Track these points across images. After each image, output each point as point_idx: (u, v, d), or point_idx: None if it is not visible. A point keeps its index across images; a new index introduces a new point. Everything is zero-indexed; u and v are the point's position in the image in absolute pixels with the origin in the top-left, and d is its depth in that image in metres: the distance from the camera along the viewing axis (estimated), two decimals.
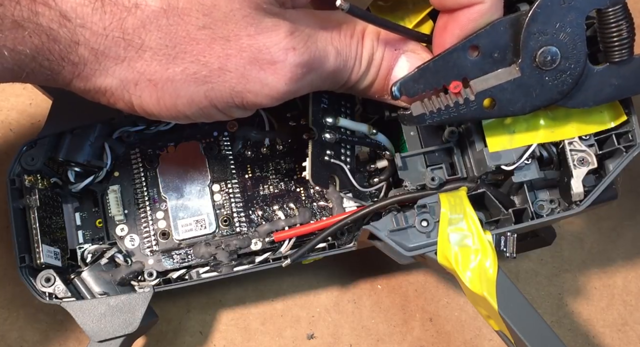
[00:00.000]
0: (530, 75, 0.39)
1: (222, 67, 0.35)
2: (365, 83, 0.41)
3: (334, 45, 0.38)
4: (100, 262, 0.47)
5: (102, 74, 0.35)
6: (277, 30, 0.35)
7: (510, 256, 0.42)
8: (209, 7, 0.33)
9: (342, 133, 0.45)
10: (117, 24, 0.33)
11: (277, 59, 0.35)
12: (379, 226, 0.43)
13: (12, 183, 0.45)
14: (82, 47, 0.34)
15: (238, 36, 0.34)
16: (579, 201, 0.43)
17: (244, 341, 0.52)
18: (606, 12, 0.38)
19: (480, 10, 0.38)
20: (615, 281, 0.53)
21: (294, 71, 0.36)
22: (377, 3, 0.45)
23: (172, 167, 0.49)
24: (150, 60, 0.34)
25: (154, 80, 0.35)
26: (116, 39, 0.34)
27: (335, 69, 0.39)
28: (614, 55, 0.39)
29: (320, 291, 0.53)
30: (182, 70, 0.35)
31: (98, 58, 0.34)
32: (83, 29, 0.33)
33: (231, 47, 0.34)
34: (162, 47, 0.34)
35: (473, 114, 0.40)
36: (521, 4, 0.45)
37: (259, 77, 0.35)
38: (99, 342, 0.44)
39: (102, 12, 0.33)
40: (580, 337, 0.52)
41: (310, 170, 0.43)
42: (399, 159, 0.45)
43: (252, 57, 0.35)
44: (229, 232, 0.48)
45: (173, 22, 0.33)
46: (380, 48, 0.40)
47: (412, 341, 0.51)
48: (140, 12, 0.33)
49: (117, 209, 0.48)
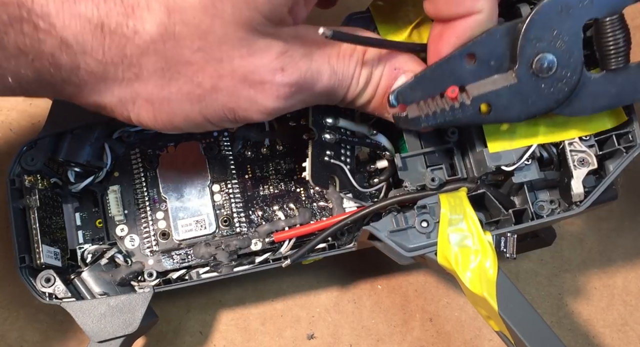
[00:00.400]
0: (527, 82, 0.39)
1: (214, 87, 0.36)
2: (363, 101, 0.41)
3: (331, 65, 0.39)
4: (100, 263, 0.47)
5: (101, 93, 0.36)
6: (269, 51, 0.36)
7: (511, 256, 0.42)
8: (204, 31, 0.34)
9: (342, 133, 0.45)
10: (117, 50, 0.34)
11: (266, 79, 0.36)
12: (379, 226, 0.43)
13: (12, 183, 0.45)
14: (82, 71, 0.35)
15: (231, 57, 0.35)
16: (579, 201, 0.43)
17: (244, 341, 0.52)
18: (603, 22, 0.38)
19: (477, 20, 0.38)
20: (615, 281, 0.53)
21: (282, 90, 0.37)
22: (376, 3, 0.45)
23: (172, 168, 0.49)
24: (147, 81, 0.36)
25: (151, 100, 0.36)
26: (115, 64, 0.35)
27: (329, 88, 0.39)
28: (610, 63, 0.39)
29: (320, 291, 0.53)
30: (177, 90, 0.36)
31: (98, 80, 0.35)
32: (84, 55, 0.34)
33: (224, 68, 0.36)
34: (158, 69, 0.35)
35: (469, 119, 0.40)
36: (521, 4, 0.45)
37: (249, 95, 0.37)
38: (99, 342, 0.44)
39: (101, 38, 0.34)
40: (580, 337, 0.52)
41: (310, 170, 0.43)
42: (399, 159, 0.45)
43: (243, 77, 0.36)
44: (229, 233, 0.48)
45: (170, 46, 0.34)
46: (379, 67, 0.41)
47: (412, 341, 0.51)
48: (139, 38, 0.34)
49: (117, 209, 0.48)
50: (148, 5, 0.34)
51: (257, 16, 0.34)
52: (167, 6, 0.34)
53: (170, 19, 0.34)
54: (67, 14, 0.33)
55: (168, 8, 0.34)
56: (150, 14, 0.34)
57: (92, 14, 0.33)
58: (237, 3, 0.34)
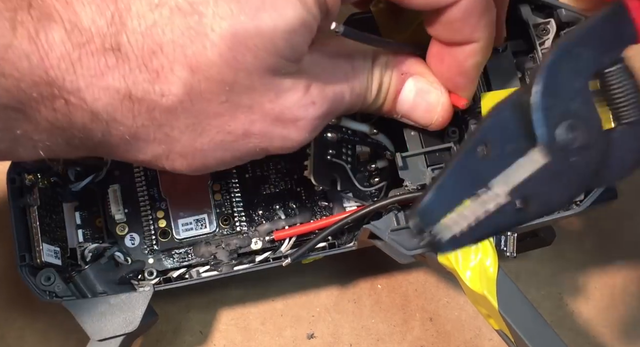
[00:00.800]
0: (557, 158, 0.32)
1: (246, 133, 0.36)
2: (374, 107, 0.42)
3: (349, 83, 0.39)
4: (101, 261, 0.47)
5: (134, 153, 0.37)
6: (296, 89, 0.36)
7: (511, 255, 0.42)
8: (230, 83, 0.34)
9: (343, 132, 0.45)
10: (146, 114, 0.35)
11: (299, 116, 0.37)
12: (379, 225, 0.43)
13: (12, 182, 0.45)
14: (113, 137, 0.35)
15: (260, 103, 0.36)
16: (579, 201, 0.43)
17: (244, 340, 0.52)
18: (607, 74, 0.34)
19: (474, 48, 0.39)
20: (615, 281, 0.53)
21: (315, 122, 0.38)
22: (379, 5, 0.45)
23: None
24: (179, 137, 0.36)
25: (184, 153, 0.37)
26: (146, 126, 0.35)
27: (350, 105, 0.40)
28: (623, 117, 0.34)
29: (320, 291, 0.53)
30: (209, 141, 0.36)
31: (130, 142, 0.36)
32: (115, 122, 0.35)
33: (254, 113, 0.36)
34: (188, 125, 0.36)
35: (511, 221, 0.33)
36: (521, 4, 0.46)
37: (282, 134, 0.37)
38: (99, 341, 0.44)
39: (130, 105, 0.34)
40: (580, 337, 0.52)
41: (312, 169, 0.43)
42: (399, 158, 0.45)
43: (275, 119, 0.36)
44: (229, 232, 0.48)
45: (197, 102, 0.35)
46: (387, 74, 0.41)
47: (412, 340, 0.51)
48: (166, 101, 0.34)
49: (117, 208, 0.48)
50: (172, 68, 0.34)
51: (279, 61, 0.35)
52: (190, 66, 0.34)
53: (194, 78, 0.34)
54: (97, 87, 0.33)
55: (191, 67, 0.34)
56: (175, 75, 0.34)
57: (119, 85, 0.34)
58: (258, 53, 0.34)
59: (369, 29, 0.45)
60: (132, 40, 0.33)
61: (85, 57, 0.33)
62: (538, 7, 0.46)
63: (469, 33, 0.38)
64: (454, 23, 0.38)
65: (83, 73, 0.33)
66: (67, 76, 0.33)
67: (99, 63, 0.33)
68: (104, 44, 0.33)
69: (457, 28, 0.38)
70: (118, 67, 0.33)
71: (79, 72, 0.33)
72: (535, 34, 0.45)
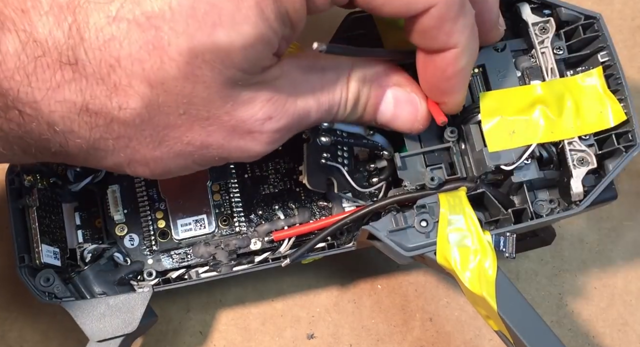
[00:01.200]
0: None
1: (204, 143, 0.37)
2: (352, 118, 0.42)
3: (316, 98, 0.39)
4: (100, 262, 0.47)
5: (94, 161, 0.37)
6: (253, 102, 0.36)
7: (510, 256, 0.41)
8: (187, 95, 0.34)
9: (338, 135, 0.45)
10: (104, 127, 0.35)
11: (254, 129, 0.37)
12: (378, 226, 0.43)
13: (11, 183, 0.45)
14: (72, 147, 0.35)
15: (216, 115, 0.36)
16: (578, 200, 0.43)
17: (244, 341, 0.52)
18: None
19: (454, 54, 0.38)
20: (615, 281, 0.53)
21: (272, 137, 0.38)
22: None
23: None
24: (138, 148, 0.36)
25: (145, 161, 0.37)
26: (105, 138, 0.35)
27: (318, 120, 0.40)
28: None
29: (320, 291, 0.52)
30: (167, 150, 0.37)
31: (89, 152, 0.36)
32: (72, 134, 0.35)
33: (211, 125, 0.36)
34: (146, 136, 0.36)
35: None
36: (521, 4, 0.45)
37: (239, 145, 0.37)
38: (98, 341, 0.44)
39: (88, 118, 0.34)
40: (580, 337, 0.51)
41: (307, 174, 0.43)
42: (398, 159, 0.45)
43: (231, 130, 0.37)
44: (228, 232, 0.48)
45: (155, 115, 0.35)
46: (365, 88, 0.41)
47: (412, 341, 0.51)
48: (124, 114, 0.34)
49: (116, 208, 0.48)
50: (130, 82, 0.34)
51: (236, 74, 0.35)
52: (149, 80, 0.34)
53: (152, 92, 0.34)
54: (52, 100, 0.33)
55: (149, 81, 0.34)
56: (133, 89, 0.34)
57: (76, 98, 0.34)
58: (216, 67, 0.34)
59: (368, 28, 0.45)
60: (89, 54, 0.33)
61: (41, 69, 0.33)
62: (537, 6, 0.46)
63: (445, 40, 0.38)
64: (427, 31, 0.37)
65: (39, 85, 0.33)
66: (21, 88, 0.33)
67: (55, 76, 0.33)
68: (61, 58, 0.33)
69: (432, 36, 0.37)
70: (75, 81, 0.33)
71: (34, 84, 0.33)
72: (534, 33, 0.45)
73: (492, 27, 0.42)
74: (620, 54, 0.41)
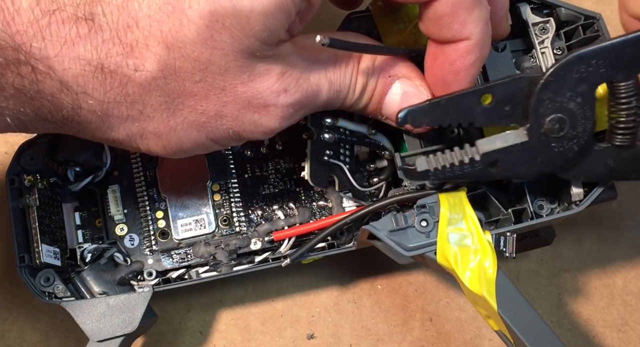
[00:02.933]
0: (537, 141, 0.39)
1: (219, 114, 0.36)
2: (359, 106, 0.42)
3: (328, 78, 0.39)
4: (100, 262, 0.47)
5: (107, 130, 0.36)
6: (269, 74, 0.36)
7: (510, 256, 0.42)
8: (204, 62, 0.34)
9: (341, 133, 0.45)
10: (119, 89, 0.34)
11: (269, 102, 0.37)
12: (378, 225, 0.43)
13: (11, 183, 0.46)
14: (84, 111, 0.35)
15: (233, 85, 0.36)
16: (578, 200, 0.43)
17: (244, 341, 0.52)
18: (618, 86, 0.38)
19: (467, 46, 0.38)
20: (615, 281, 0.53)
21: (286, 111, 0.37)
22: (376, 3, 0.45)
23: (172, 167, 0.49)
24: (152, 116, 0.36)
25: (158, 132, 0.37)
26: (118, 102, 0.35)
27: (328, 100, 0.40)
28: (616, 139, 0.39)
29: (320, 291, 0.53)
30: (182, 120, 0.36)
31: (102, 118, 0.35)
32: (85, 95, 0.34)
33: (227, 95, 0.36)
34: (161, 103, 0.35)
35: (477, 174, 0.40)
36: (521, 4, 0.46)
37: (254, 119, 0.37)
38: (98, 341, 0.44)
39: (102, 79, 0.34)
40: (580, 337, 0.52)
41: (309, 170, 0.43)
42: (398, 159, 0.45)
43: (246, 102, 0.36)
44: (229, 232, 0.48)
45: (171, 81, 0.35)
46: (374, 75, 0.41)
47: (412, 341, 0.51)
48: (140, 77, 0.34)
49: (116, 208, 0.48)
50: (147, 43, 0.33)
51: (255, 43, 0.35)
52: (166, 42, 0.33)
53: (170, 55, 0.34)
54: (66, 56, 0.33)
55: (167, 44, 0.34)
56: (150, 51, 0.34)
57: (91, 56, 0.33)
58: (235, 33, 0.34)
59: (368, 28, 0.45)
60: (106, 12, 0.33)
61: (55, 24, 0.32)
62: (537, 6, 0.46)
63: (459, 29, 0.38)
64: (442, 18, 0.37)
65: (52, 41, 0.33)
66: (34, 43, 0.32)
67: (70, 32, 0.33)
68: (77, 13, 0.32)
69: (446, 23, 0.38)
70: (90, 38, 0.33)
71: (47, 39, 0.32)
72: (534, 33, 0.45)
73: (501, 20, 0.42)
74: None
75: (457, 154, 0.40)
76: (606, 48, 0.37)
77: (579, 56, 0.37)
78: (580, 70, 0.37)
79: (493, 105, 0.39)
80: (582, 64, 0.37)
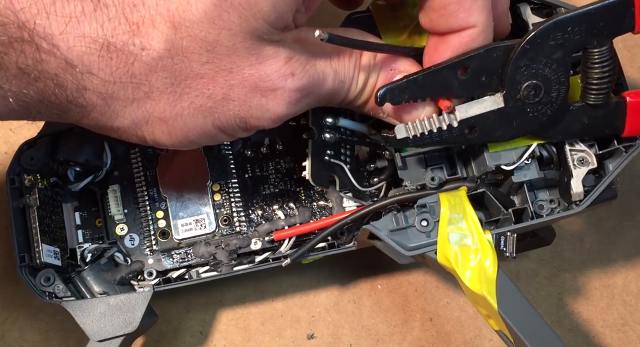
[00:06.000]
0: (513, 106, 0.40)
1: (226, 97, 0.36)
2: (360, 102, 0.41)
3: (333, 67, 0.39)
4: (100, 262, 0.47)
5: (112, 116, 0.36)
6: (277, 57, 0.36)
7: (510, 255, 0.42)
8: (212, 43, 0.34)
9: (342, 133, 0.45)
10: (124, 69, 0.34)
11: (277, 85, 0.36)
12: (378, 225, 0.43)
13: (11, 182, 0.45)
14: (89, 92, 0.34)
15: (240, 67, 0.35)
16: (578, 200, 0.43)
17: (244, 341, 0.52)
18: (592, 52, 0.39)
19: (471, 34, 0.38)
20: (615, 281, 0.53)
21: (293, 96, 0.37)
22: (376, 3, 0.45)
23: (172, 167, 0.49)
24: (159, 99, 0.35)
25: (164, 118, 0.36)
26: (124, 83, 0.34)
27: (333, 90, 0.39)
28: (589, 98, 0.40)
29: (320, 291, 0.53)
30: (188, 104, 0.36)
31: (107, 101, 0.35)
32: (90, 75, 0.34)
33: (234, 78, 0.35)
34: (168, 85, 0.35)
35: (454, 140, 0.41)
36: (521, 3, 0.46)
37: (261, 103, 0.37)
38: (98, 341, 0.44)
39: (108, 58, 0.33)
40: (580, 337, 0.52)
41: (310, 170, 0.43)
42: (398, 158, 0.45)
43: (253, 85, 0.36)
44: (229, 232, 0.48)
45: (178, 61, 0.34)
46: (376, 68, 0.41)
47: (412, 341, 0.51)
48: (146, 56, 0.34)
49: (116, 208, 0.48)
50: (153, 22, 0.33)
51: (263, 25, 0.34)
52: (173, 21, 0.33)
53: (176, 34, 0.33)
54: (71, 34, 0.32)
55: (174, 23, 0.33)
56: (156, 30, 0.33)
57: (97, 34, 0.33)
58: (244, 13, 0.33)
59: (368, 28, 0.45)
60: None
61: (60, 2, 0.32)
62: (537, 6, 0.46)
63: (465, 18, 0.38)
64: (447, 6, 0.37)
65: (57, 18, 0.32)
66: (39, 20, 0.32)
67: (75, 9, 0.32)
68: None
69: (452, 12, 0.38)
70: (96, 16, 0.32)
71: (52, 17, 0.32)
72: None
73: (502, 16, 0.42)
74: (620, 54, 0.41)
75: (435, 121, 0.41)
76: (581, 14, 0.38)
77: (555, 23, 0.38)
78: (556, 37, 0.38)
79: (469, 77, 0.39)
80: (558, 31, 0.38)
